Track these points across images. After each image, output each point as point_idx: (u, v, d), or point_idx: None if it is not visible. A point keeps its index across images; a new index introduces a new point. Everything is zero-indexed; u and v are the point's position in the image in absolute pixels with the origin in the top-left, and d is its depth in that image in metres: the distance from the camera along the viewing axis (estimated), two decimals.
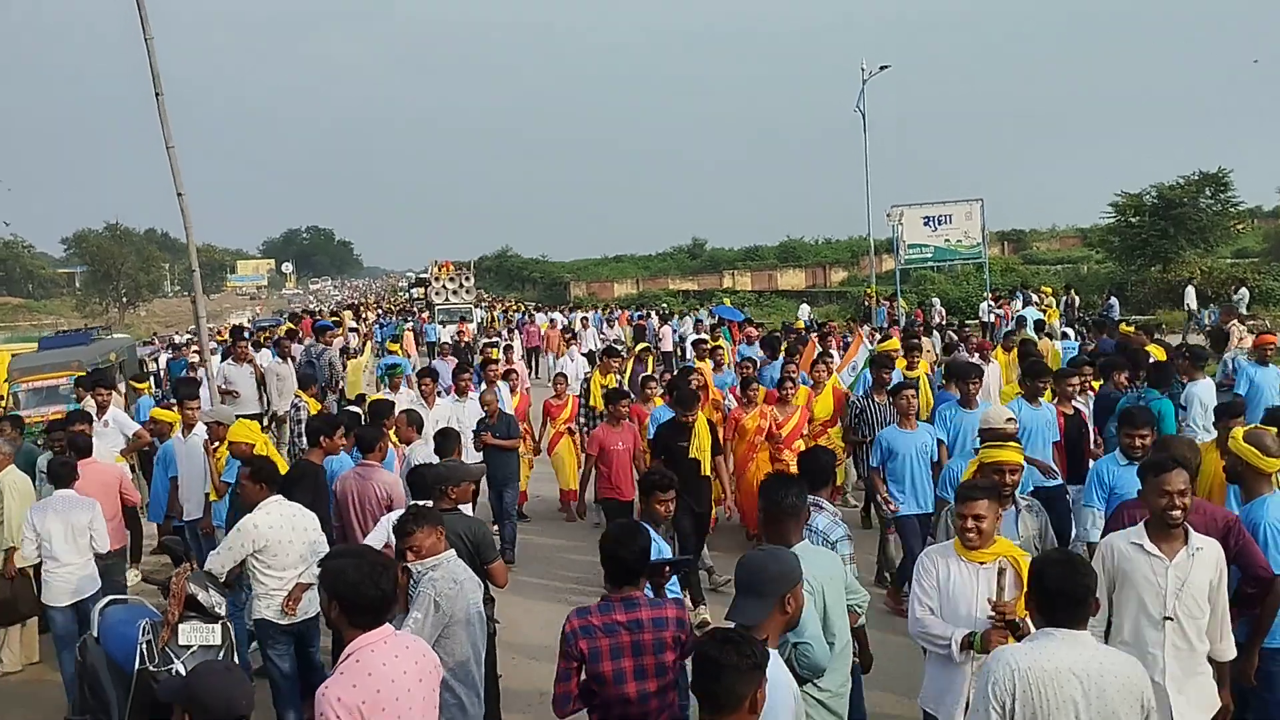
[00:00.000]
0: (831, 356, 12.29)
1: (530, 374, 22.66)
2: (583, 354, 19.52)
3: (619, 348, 17.60)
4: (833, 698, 4.48)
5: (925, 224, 28.35)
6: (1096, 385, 9.61)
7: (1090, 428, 8.71)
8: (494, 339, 26.99)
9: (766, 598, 3.48)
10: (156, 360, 24.78)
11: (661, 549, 5.23)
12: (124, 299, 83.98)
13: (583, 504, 10.21)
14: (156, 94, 9.86)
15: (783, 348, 13.39)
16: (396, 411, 9.46)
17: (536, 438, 12.38)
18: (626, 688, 4.17)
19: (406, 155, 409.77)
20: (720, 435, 9.48)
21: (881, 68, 30.16)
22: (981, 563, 4.64)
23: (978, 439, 6.50)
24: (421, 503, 5.81)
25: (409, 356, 24.39)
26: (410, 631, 4.39)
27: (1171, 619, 4.34)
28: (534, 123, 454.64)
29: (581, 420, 11.96)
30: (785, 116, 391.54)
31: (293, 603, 6.23)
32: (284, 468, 8.02)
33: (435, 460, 7.28)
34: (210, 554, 6.47)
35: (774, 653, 3.40)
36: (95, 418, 10.45)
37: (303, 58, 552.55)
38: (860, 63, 30.36)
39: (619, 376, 12.68)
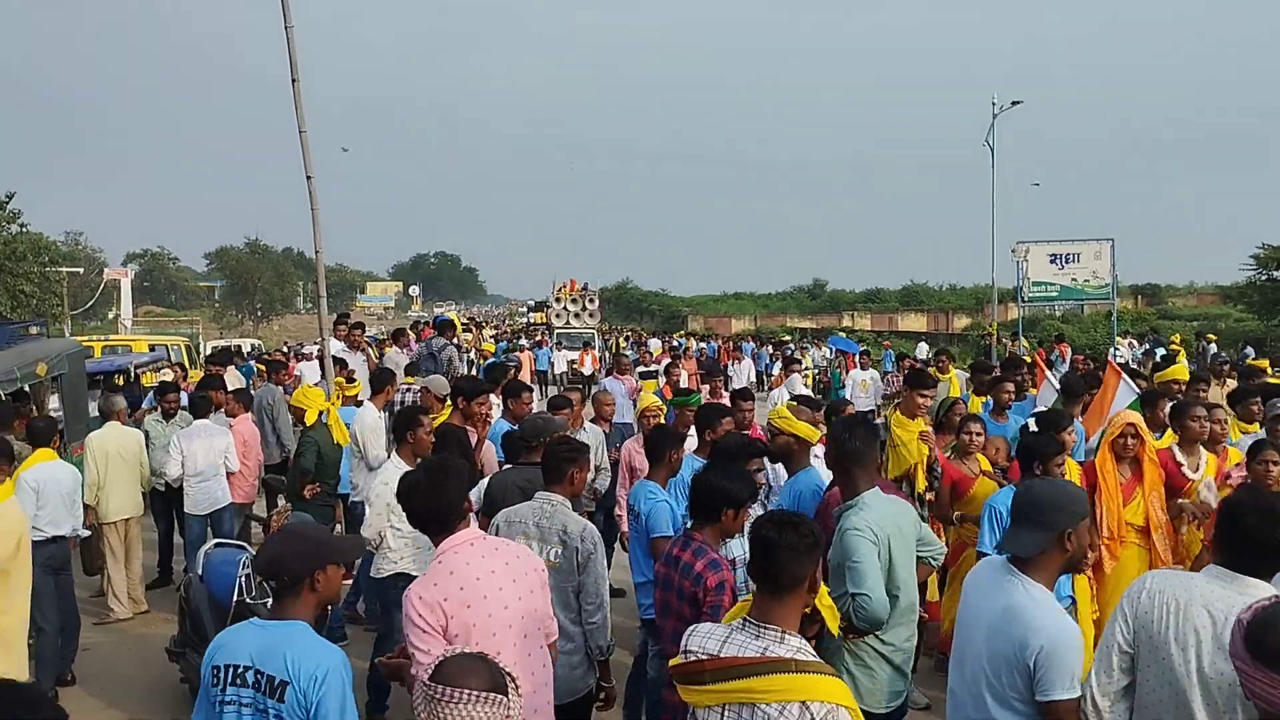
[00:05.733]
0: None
1: None
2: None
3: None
4: (896, 652, 4.39)
5: (1052, 261, 27.54)
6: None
7: None
8: (651, 367, 22.13)
9: (1045, 530, 3.30)
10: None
11: None
12: (259, 312, 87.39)
13: None
14: (293, 80, 10.18)
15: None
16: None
17: None
18: None
19: (535, 186, 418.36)
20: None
21: (1014, 103, 29.65)
22: None
23: None
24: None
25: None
26: None
27: None
28: (661, 159, 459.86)
29: None
30: (910, 152, 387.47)
31: None
32: (342, 435, 8.53)
33: None
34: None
35: (1052, 597, 3.31)
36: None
37: (434, 89, 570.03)
38: (991, 96, 29.96)
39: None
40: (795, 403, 7.05)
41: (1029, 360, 14.04)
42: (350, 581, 8.26)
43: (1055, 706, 3.16)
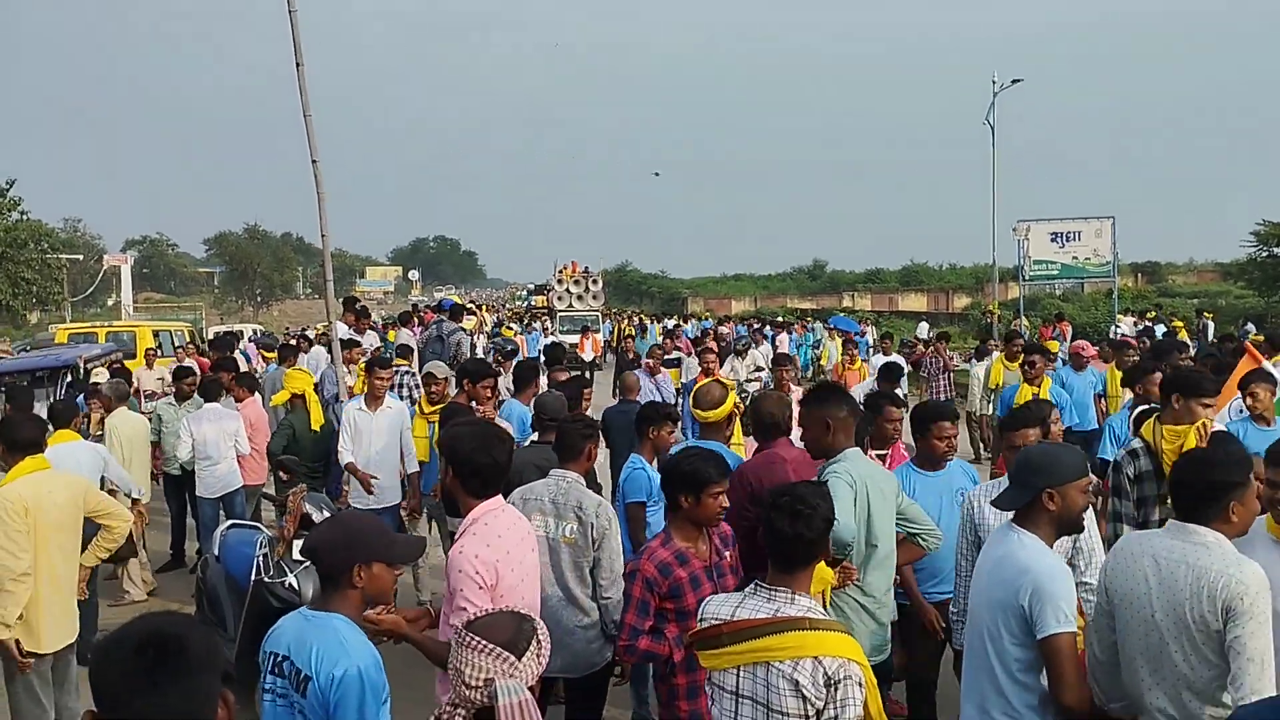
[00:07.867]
0: None
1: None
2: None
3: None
4: (877, 605, 4.52)
5: (1052, 240, 27.34)
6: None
7: None
8: (673, 355, 19.96)
9: (1025, 488, 3.47)
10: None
11: None
12: (258, 298, 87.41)
13: None
14: (297, 64, 10.18)
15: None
16: None
17: None
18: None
19: (535, 170, 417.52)
20: None
21: (1014, 81, 29.52)
22: None
23: None
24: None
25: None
26: None
27: None
28: (661, 142, 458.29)
29: None
30: (910, 133, 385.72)
31: None
32: (318, 418, 8.86)
33: None
34: None
35: (1042, 543, 3.42)
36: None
37: (435, 76, 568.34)
38: (991, 75, 29.77)
39: None
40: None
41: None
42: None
43: (1052, 641, 3.23)
